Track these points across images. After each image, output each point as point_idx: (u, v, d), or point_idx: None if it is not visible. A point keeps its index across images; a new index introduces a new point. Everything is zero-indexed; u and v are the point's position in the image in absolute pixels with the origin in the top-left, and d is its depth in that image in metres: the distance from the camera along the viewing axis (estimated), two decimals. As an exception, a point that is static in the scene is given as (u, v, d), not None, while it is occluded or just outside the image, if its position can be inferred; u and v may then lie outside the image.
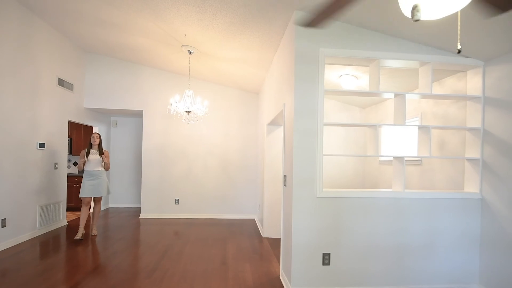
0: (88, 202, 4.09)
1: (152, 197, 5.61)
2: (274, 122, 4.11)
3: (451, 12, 0.81)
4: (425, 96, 2.76)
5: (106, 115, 6.28)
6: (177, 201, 5.67)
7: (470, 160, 2.73)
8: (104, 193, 4.16)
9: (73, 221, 5.13)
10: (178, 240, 4.11)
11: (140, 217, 5.53)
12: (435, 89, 3.51)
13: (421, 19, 0.80)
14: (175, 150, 5.69)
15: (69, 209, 5.84)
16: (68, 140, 5.78)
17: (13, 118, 3.65)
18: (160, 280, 2.78)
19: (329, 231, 2.53)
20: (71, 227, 4.72)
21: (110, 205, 6.54)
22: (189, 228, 4.84)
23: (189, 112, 4.32)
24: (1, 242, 3.49)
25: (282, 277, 2.86)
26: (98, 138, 4.15)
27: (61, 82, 4.59)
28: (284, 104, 2.93)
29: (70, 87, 4.85)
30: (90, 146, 4.12)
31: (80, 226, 4.03)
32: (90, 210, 5.20)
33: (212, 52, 4.11)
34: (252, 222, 5.44)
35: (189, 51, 4.11)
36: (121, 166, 6.54)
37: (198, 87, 5.61)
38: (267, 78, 4.50)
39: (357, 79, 4.03)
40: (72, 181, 5.90)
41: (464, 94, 2.98)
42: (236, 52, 3.90)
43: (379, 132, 2.72)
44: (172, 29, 3.57)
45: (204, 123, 5.64)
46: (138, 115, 6.17)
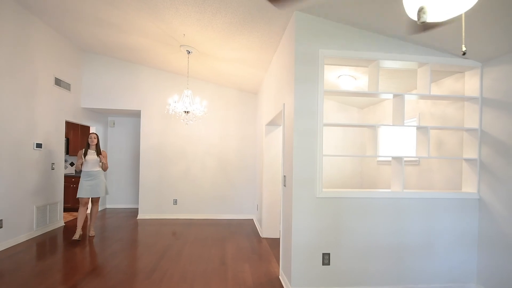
0: (86, 203, 4.06)
1: (150, 198, 5.59)
2: (273, 122, 4.11)
3: (456, 14, 0.82)
4: (423, 97, 2.78)
5: (103, 115, 6.24)
6: (175, 202, 5.65)
7: (468, 160, 2.76)
8: (102, 193, 4.13)
9: (70, 221, 5.09)
10: (177, 241, 4.09)
11: (138, 218, 5.51)
12: (433, 89, 3.53)
13: (427, 21, 0.81)
14: (174, 150, 5.67)
15: (66, 210, 5.78)
16: (65, 140, 5.73)
17: (10, 118, 3.61)
18: (160, 280, 2.77)
19: (329, 231, 2.54)
20: (68, 228, 4.68)
21: (107, 206, 6.50)
22: (187, 229, 4.82)
23: (187, 112, 4.32)
24: (-2, 244, 3.46)
25: (281, 277, 2.86)
26: (96, 138, 4.12)
27: (58, 82, 4.55)
28: (284, 104, 2.94)
29: (67, 86, 4.81)
30: (88, 146, 4.09)
31: (78, 226, 4.00)
32: (88, 210, 5.17)
33: (211, 52, 4.10)
34: (251, 222, 5.44)
35: (187, 51, 4.10)
36: (118, 166, 6.50)
37: (197, 87, 5.60)
38: (265, 78, 4.50)
39: (355, 79, 4.05)
40: (69, 181, 5.86)
41: (462, 95, 3.01)
42: (235, 52, 3.90)
43: (378, 132, 2.74)
44: (171, 29, 3.56)
45: (202, 123, 5.62)
46: (136, 115, 6.14)
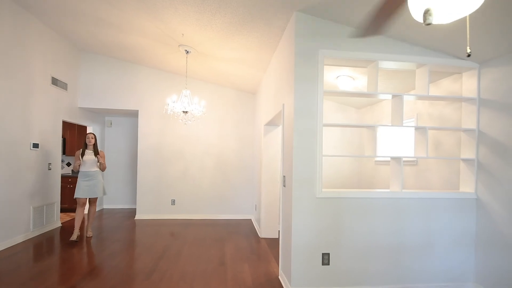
0: (84, 203, 4.03)
1: (148, 198, 5.56)
2: (271, 122, 4.12)
3: (462, 16, 0.82)
4: (422, 98, 2.80)
5: (100, 114, 6.19)
6: (173, 202, 5.63)
7: (466, 160, 2.78)
8: (100, 194, 4.10)
9: (67, 222, 5.05)
10: (176, 241, 4.08)
11: (135, 218, 5.48)
12: (431, 90, 3.56)
13: (432, 23, 0.82)
14: (172, 150, 5.64)
15: (62, 210, 5.75)
16: (62, 140, 5.67)
17: (6, 117, 3.57)
18: (159, 281, 2.76)
19: (328, 231, 2.55)
20: (65, 228, 4.64)
21: (105, 206, 6.45)
22: (186, 229, 4.81)
23: (186, 112, 4.30)
24: (-6, 245, 3.42)
25: (281, 277, 2.87)
26: (93, 138, 4.09)
27: (55, 82, 4.51)
28: (283, 104, 2.94)
29: (64, 86, 4.77)
30: (85, 146, 4.06)
31: (75, 227, 3.96)
32: (85, 211, 5.12)
33: (210, 52, 4.09)
34: (249, 222, 5.44)
35: (186, 51, 4.08)
36: (116, 167, 6.46)
37: (195, 87, 5.58)
38: (264, 78, 4.50)
39: (353, 80, 4.06)
40: (65, 182, 5.81)
41: (459, 95, 3.04)
42: (234, 53, 3.89)
43: (376, 133, 2.76)
44: (169, 29, 3.55)
45: (201, 123, 5.61)
46: (133, 115, 6.10)
